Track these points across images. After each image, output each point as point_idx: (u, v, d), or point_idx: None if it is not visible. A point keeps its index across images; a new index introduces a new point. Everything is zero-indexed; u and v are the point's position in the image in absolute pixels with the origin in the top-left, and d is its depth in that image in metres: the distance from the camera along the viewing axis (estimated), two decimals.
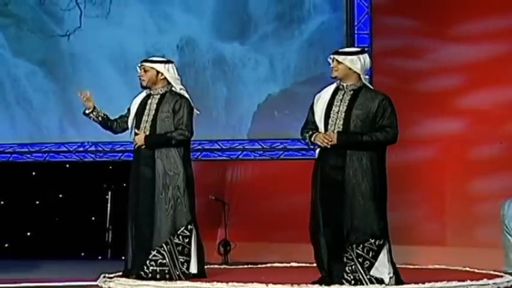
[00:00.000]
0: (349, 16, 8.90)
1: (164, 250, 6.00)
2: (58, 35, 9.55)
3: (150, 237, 6.03)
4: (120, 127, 6.43)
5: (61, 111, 9.44)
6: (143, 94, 6.36)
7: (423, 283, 5.55)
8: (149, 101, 6.26)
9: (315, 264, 5.68)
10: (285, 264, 7.81)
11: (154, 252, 6.00)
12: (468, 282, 5.88)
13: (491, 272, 6.76)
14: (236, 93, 9.15)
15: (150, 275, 5.93)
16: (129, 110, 6.40)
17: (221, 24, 9.23)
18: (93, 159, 9.41)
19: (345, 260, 5.39)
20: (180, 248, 6.03)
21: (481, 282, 5.93)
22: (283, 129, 8.99)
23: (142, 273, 5.95)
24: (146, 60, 6.29)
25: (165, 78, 6.26)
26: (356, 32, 8.92)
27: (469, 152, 8.34)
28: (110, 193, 9.51)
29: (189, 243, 6.07)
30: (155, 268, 5.96)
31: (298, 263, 7.70)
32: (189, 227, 6.09)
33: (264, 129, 9.07)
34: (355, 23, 8.94)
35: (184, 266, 6.03)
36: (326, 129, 5.49)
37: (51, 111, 9.50)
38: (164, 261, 5.98)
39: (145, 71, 6.24)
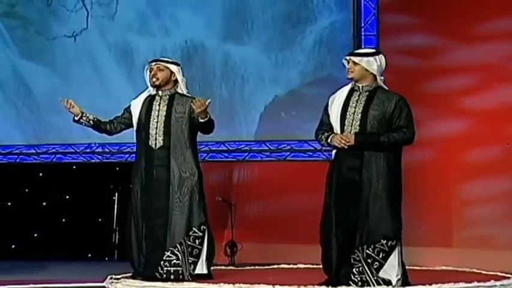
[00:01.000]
0: (356, 17, 8.89)
1: (178, 251, 6.00)
2: (64, 36, 9.56)
3: (164, 238, 6.03)
4: (115, 128, 6.38)
5: (68, 112, 9.43)
6: (144, 95, 6.31)
7: (430, 284, 5.54)
8: (156, 102, 6.23)
9: (321, 266, 5.67)
10: (291, 266, 7.80)
11: (168, 253, 6.00)
12: (475, 283, 5.87)
13: (499, 274, 6.74)
14: (243, 94, 9.15)
15: (165, 275, 5.93)
16: (126, 110, 6.34)
17: (227, 25, 9.23)
18: (100, 161, 9.42)
19: (352, 261, 5.39)
20: (190, 249, 6.04)
21: (488, 283, 5.91)
22: (289, 130, 8.99)
23: (157, 274, 5.95)
24: (161, 60, 6.26)
25: (176, 79, 6.26)
26: (363, 33, 8.91)
27: (475, 153, 8.31)
28: (116, 194, 9.52)
29: (201, 243, 6.08)
30: (169, 269, 5.97)
31: (305, 264, 7.69)
32: (202, 227, 6.09)
33: (270, 130, 9.06)
34: (362, 24, 8.93)
35: (191, 267, 6.04)
36: (342, 130, 5.50)
37: (58, 113, 9.49)
38: (178, 261, 5.98)
39: (160, 70, 6.21)
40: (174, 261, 5.98)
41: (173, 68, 6.24)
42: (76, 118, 6.30)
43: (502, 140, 8.22)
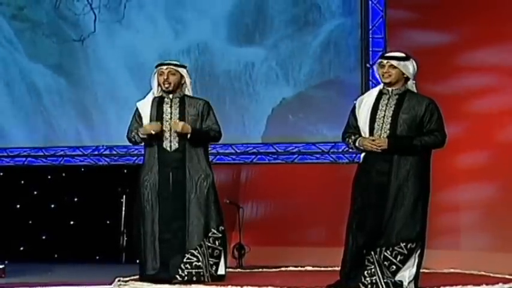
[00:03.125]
0: (364, 20, 8.88)
1: (199, 252, 6.02)
2: (72, 39, 9.58)
3: (183, 240, 6.03)
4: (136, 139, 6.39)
5: (76, 115, 9.46)
6: (150, 97, 6.31)
7: (438, 287, 5.53)
8: (166, 105, 6.22)
9: (330, 268, 5.67)
10: (299, 268, 7.80)
11: (188, 255, 6.01)
12: (483, 286, 5.87)
13: (507, 276, 6.73)
14: (250, 96, 9.14)
15: (186, 277, 5.94)
16: (135, 117, 6.31)
17: (235, 27, 9.23)
18: (108, 163, 9.43)
19: (366, 263, 5.38)
20: (210, 250, 6.05)
21: (496, 286, 5.90)
22: (297, 132, 8.98)
23: (177, 276, 5.96)
24: (172, 64, 6.27)
25: (184, 83, 6.27)
26: (370, 35, 8.90)
27: (483, 155, 8.28)
28: (124, 197, 9.53)
29: (221, 244, 6.10)
30: (191, 271, 5.98)
31: (313, 267, 7.69)
32: (220, 228, 6.12)
33: (278, 132, 9.06)
34: (370, 27, 8.92)
35: (213, 268, 6.05)
36: (372, 133, 5.49)
37: (66, 115, 9.52)
38: (199, 263, 5.99)
39: (172, 74, 6.22)
40: (195, 263, 6.00)
41: (183, 72, 6.26)
42: (142, 137, 6.21)
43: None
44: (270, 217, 9.00)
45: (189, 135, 6.09)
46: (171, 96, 6.24)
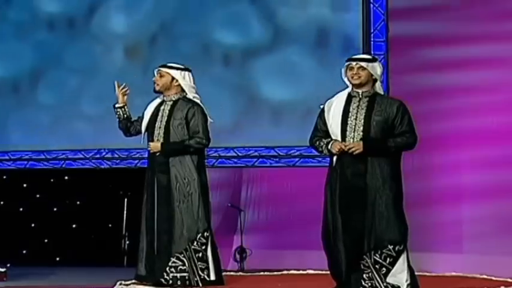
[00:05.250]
0: (365, 23, 8.88)
1: (184, 256, 6.02)
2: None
3: (169, 244, 6.04)
4: (135, 130, 6.45)
5: (78, 117, 9.45)
6: (158, 100, 6.38)
7: None
8: (162, 108, 6.28)
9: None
10: (301, 272, 7.80)
11: (173, 259, 6.01)
12: None
13: (509, 280, 6.72)
14: (252, 99, 9.13)
15: (170, 281, 5.95)
16: (143, 114, 6.41)
17: (241, 30, 9.21)
18: (110, 166, 9.42)
19: (362, 267, 5.39)
20: (199, 254, 6.04)
21: None
22: (299, 136, 8.96)
23: (162, 280, 5.97)
24: (163, 65, 6.31)
25: (179, 85, 6.28)
26: (372, 39, 8.90)
27: (486, 155, 8.28)
28: (126, 200, 9.54)
29: (206, 249, 6.09)
30: (176, 275, 5.98)
31: (315, 270, 7.69)
32: (205, 234, 6.10)
33: (279, 136, 9.04)
34: (371, 30, 8.92)
35: (205, 273, 6.04)
36: (344, 136, 5.48)
37: (68, 118, 9.50)
38: (184, 267, 5.99)
39: (160, 76, 6.28)
40: (180, 267, 6.00)
41: (174, 73, 6.26)
42: (118, 105, 6.35)
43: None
44: (272, 220, 9.00)
45: (157, 154, 6.14)
46: (166, 98, 6.30)
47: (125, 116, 6.40)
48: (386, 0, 8.88)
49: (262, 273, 7.79)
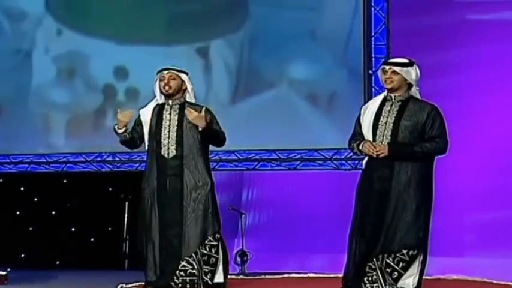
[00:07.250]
0: (366, 27, 8.88)
1: (194, 260, 5.99)
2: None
3: (179, 247, 6.02)
4: (140, 142, 6.37)
5: (78, 121, 9.46)
6: (152, 104, 6.28)
7: None
8: (166, 112, 6.21)
9: (332, 275, 5.65)
10: (302, 275, 7.78)
11: (184, 263, 5.99)
12: None
13: (510, 283, 6.70)
14: (253, 103, 9.13)
15: (180, 285, 5.93)
16: (136, 122, 6.27)
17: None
18: (111, 170, 9.41)
19: (366, 269, 5.37)
20: (206, 258, 6.03)
21: None
22: (300, 139, 8.96)
23: (172, 283, 5.95)
24: (173, 68, 6.24)
25: (186, 89, 6.25)
26: (373, 42, 8.90)
27: (488, 160, 8.28)
28: (127, 203, 9.53)
29: (217, 252, 6.07)
30: (185, 278, 5.96)
31: (316, 273, 7.68)
32: (216, 236, 6.08)
33: (281, 139, 9.04)
34: (372, 34, 8.92)
35: (208, 276, 6.02)
36: (374, 140, 5.48)
37: (68, 122, 9.51)
38: (193, 271, 5.98)
39: (172, 79, 6.20)
40: (190, 270, 5.98)
41: (184, 77, 6.24)
42: (120, 131, 6.17)
43: None
44: (273, 223, 8.99)
45: (200, 128, 6.03)
46: (171, 102, 6.21)
47: (128, 136, 6.27)
48: (387, 4, 8.89)
49: (263, 276, 7.78)
